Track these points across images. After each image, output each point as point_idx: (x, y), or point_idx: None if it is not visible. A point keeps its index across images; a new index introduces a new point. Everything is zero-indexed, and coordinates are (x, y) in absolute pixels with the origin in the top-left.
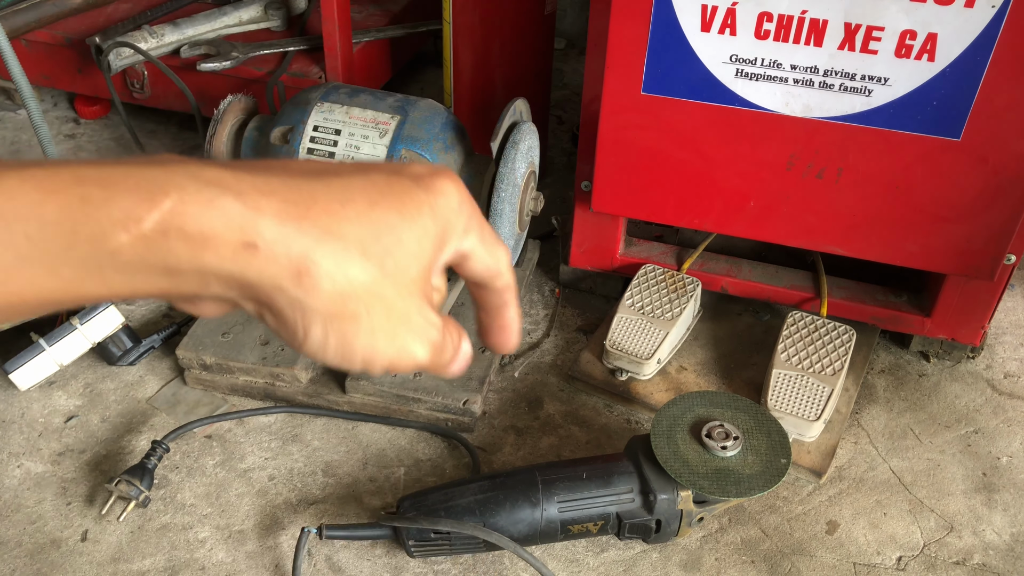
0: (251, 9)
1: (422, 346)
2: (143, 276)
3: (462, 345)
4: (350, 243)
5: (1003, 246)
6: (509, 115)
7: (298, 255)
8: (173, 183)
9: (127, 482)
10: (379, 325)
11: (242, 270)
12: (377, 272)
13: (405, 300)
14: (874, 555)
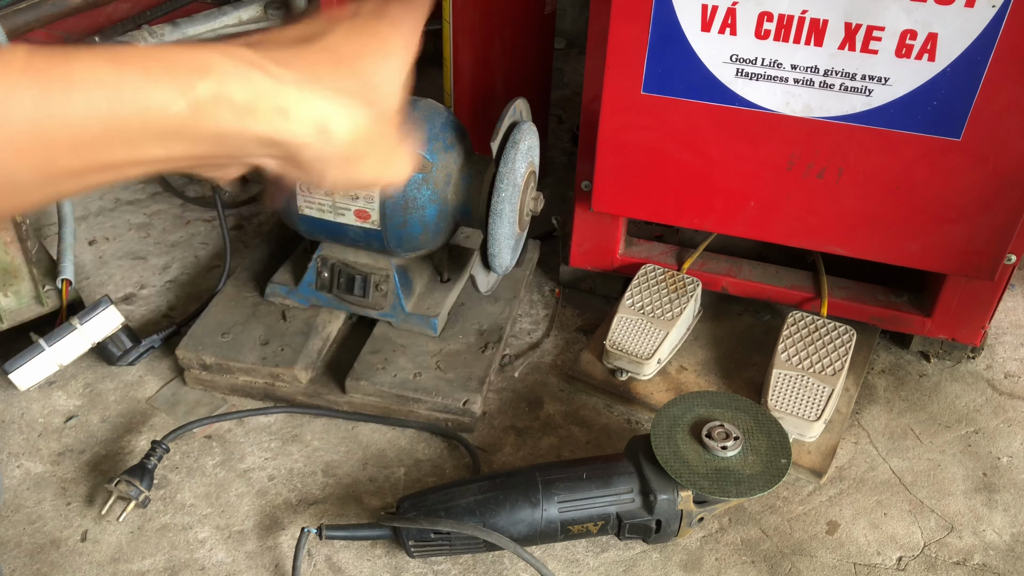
0: (251, 9)
1: (408, 163)
2: (195, 140)
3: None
4: (354, 95)
5: (1003, 246)
6: (509, 115)
7: (318, 114)
8: (214, 61)
9: (127, 482)
10: (382, 157)
11: (276, 131)
12: (376, 114)
13: (394, 130)
14: (874, 555)
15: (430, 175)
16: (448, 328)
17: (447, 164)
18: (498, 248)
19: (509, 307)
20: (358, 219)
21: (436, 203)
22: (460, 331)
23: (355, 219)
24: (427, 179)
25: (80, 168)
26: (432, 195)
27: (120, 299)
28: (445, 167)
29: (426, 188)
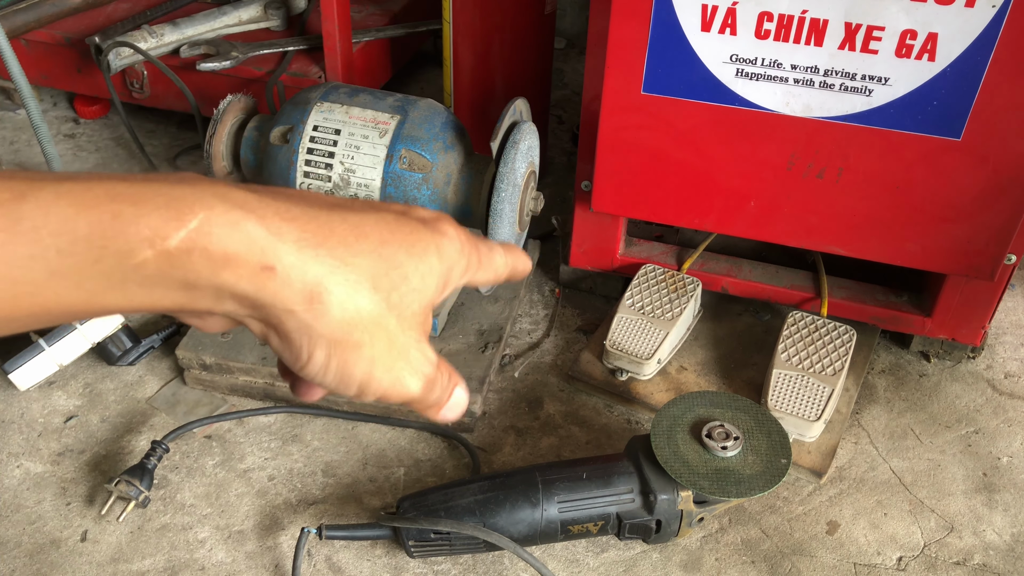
0: (251, 9)
1: (416, 379)
2: (162, 290)
3: (456, 390)
4: (362, 275)
5: (1003, 246)
6: (509, 115)
7: (312, 281)
8: (201, 203)
9: (127, 482)
10: (379, 355)
11: (258, 291)
12: (383, 305)
13: (406, 334)
14: (874, 555)
15: (430, 175)
16: (448, 328)
17: (447, 164)
18: None
19: (509, 307)
20: None
21: (436, 203)
22: (460, 331)
23: None
24: (427, 179)
25: (16, 316)
26: (432, 195)
27: None
28: (445, 167)
29: (426, 188)
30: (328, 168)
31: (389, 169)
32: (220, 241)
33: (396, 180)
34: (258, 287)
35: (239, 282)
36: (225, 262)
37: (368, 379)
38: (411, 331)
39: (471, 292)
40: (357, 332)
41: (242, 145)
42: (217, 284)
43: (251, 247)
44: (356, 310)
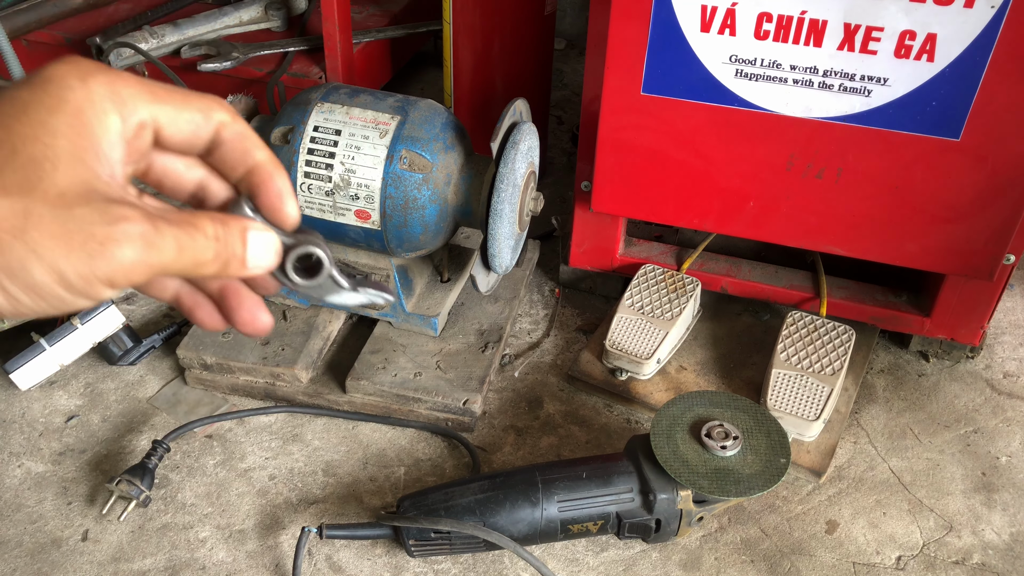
0: (251, 9)
1: (121, 245)
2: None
3: (249, 234)
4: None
5: (1002, 246)
6: (509, 115)
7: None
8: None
9: (128, 482)
10: (44, 244)
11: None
12: (3, 194)
13: (66, 209)
14: (873, 555)
15: (430, 175)
16: (448, 328)
17: (447, 164)
18: (498, 248)
19: (509, 307)
20: (358, 219)
21: (436, 203)
22: (460, 331)
23: (355, 219)
24: (427, 179)
25: None
26: (432, 195)
27: (121, 299)
28: (445, 167)
29: (426, 188)
30: (329, 168)
31: (389, 169)
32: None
33: (396, 180)
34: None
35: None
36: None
37: (56, 273)
38: (79, 202)
39: (471, 292)
40: None
41: None
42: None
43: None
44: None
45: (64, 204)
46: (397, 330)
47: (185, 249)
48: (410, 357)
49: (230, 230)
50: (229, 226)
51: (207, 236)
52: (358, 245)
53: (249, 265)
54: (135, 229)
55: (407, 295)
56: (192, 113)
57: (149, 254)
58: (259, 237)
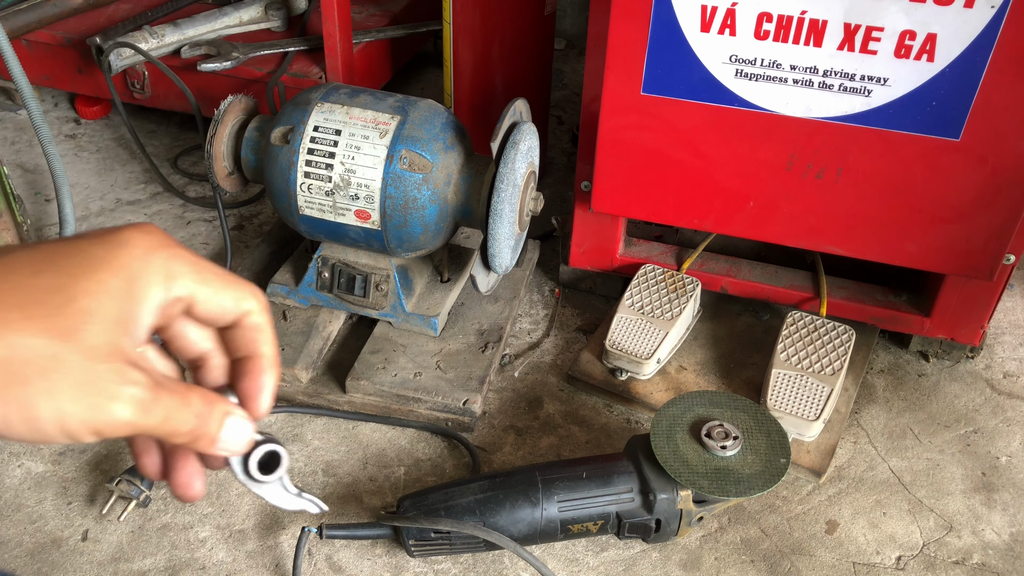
0: (251, 9)
1: (122, 404)
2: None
3: (228, 420)
4: (10, 309)
5: (1002, 246)
6: (509, 115)
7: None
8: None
9: (128, 481)
10: (60, 387)
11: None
12: (48, 334)
13: (92, 362)
14: (873, 555)
15: (430, 175)
16: (448, 328)
17: (447, 164)
18: (498, 248)
19: (509, 307)
20: (358, 219)
21: (436, 203)
22: (460, 331)
23: (355, 219)
24: (427, 179)
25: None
26: (432, 195)
27: None
28: (445, 167)
29: (426, 188)
30: (329, 168)
31: (389, 169)
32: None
33: (396, 180)
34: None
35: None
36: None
37: (59, 413)
38: (100, 360)
39: (471, 292)
40: (17, 367)
41: (243, 145)
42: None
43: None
44: (12, 346)
45: (92, 357)
46: (397, 330)
47: (170, 420)
48: (410, 357)
49: (213, 411)
50: (213, 407)
51: (191, 411)
52: (358, 245)
53: (219, 447)
54: (138, 394)
55: (407, 295)
56: (226, 298)
57: (140, 417)
58: (236, 424)
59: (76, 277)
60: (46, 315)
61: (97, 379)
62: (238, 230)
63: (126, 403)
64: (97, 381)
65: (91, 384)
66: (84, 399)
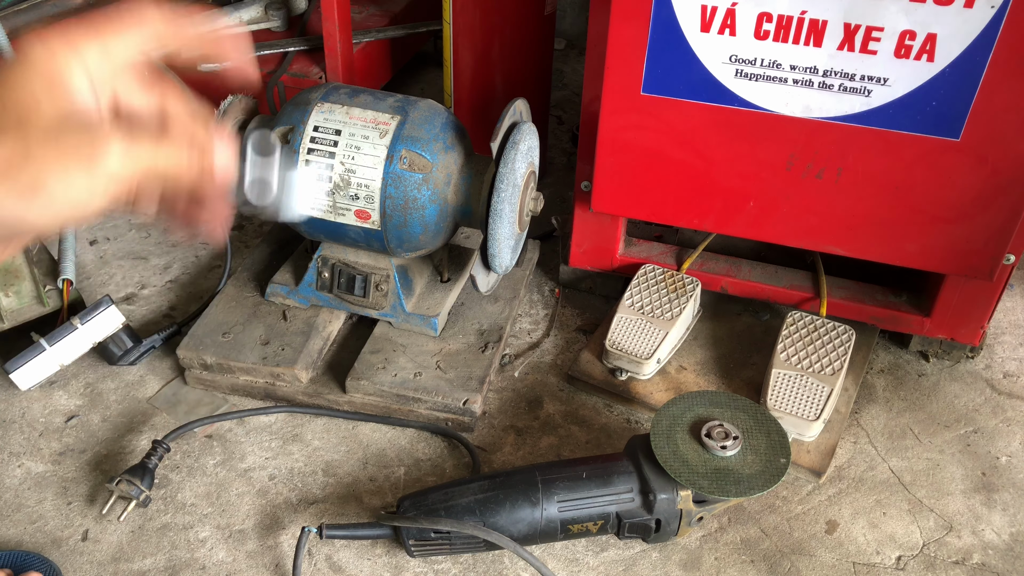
0: (251, 9)
1: (110, 157)
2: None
3: (204, 129)
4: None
5: (1002, 246)
6: (509, 115)
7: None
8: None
9: (128, 482)
10: (48, 167)
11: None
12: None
13: (58, 137)
14: (873, 555)
15: (430, 175)
16: (448, 328)
17: (447, 164)
18: (498, 248)
19: (509, 307)
20: (358, 219)
21: (436, 203)
22: (460, 331)
23: (355, 219)
24: (427, 179)
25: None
26: (432, 195)
27: (121, 299)
28: (445, 167)
29: (426, 188)
30: (329, 168)
31: (389, 169)
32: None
33: (396, 180)
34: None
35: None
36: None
37: (67, 188)
38: (64, 133)
39: (471, 292)
40: (11, 170)
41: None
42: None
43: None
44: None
45: (54, 134)
46: (397, 330)
47: (159, 152)
48: (410, 357)
49: (196, 130)
50: (196, 130)
51: (178, 137)
52: (358, 245)
53: (217, 167)
54: (116, 144)
55: (407, 295)
56: (125, 43)
57: (132, 160)
58: (221, 145)
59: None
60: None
61: (72, 148)
62: (238, 230)
63: (111, 155)
64: (74, 149)
65: (70, 154)
66: (72, 167)
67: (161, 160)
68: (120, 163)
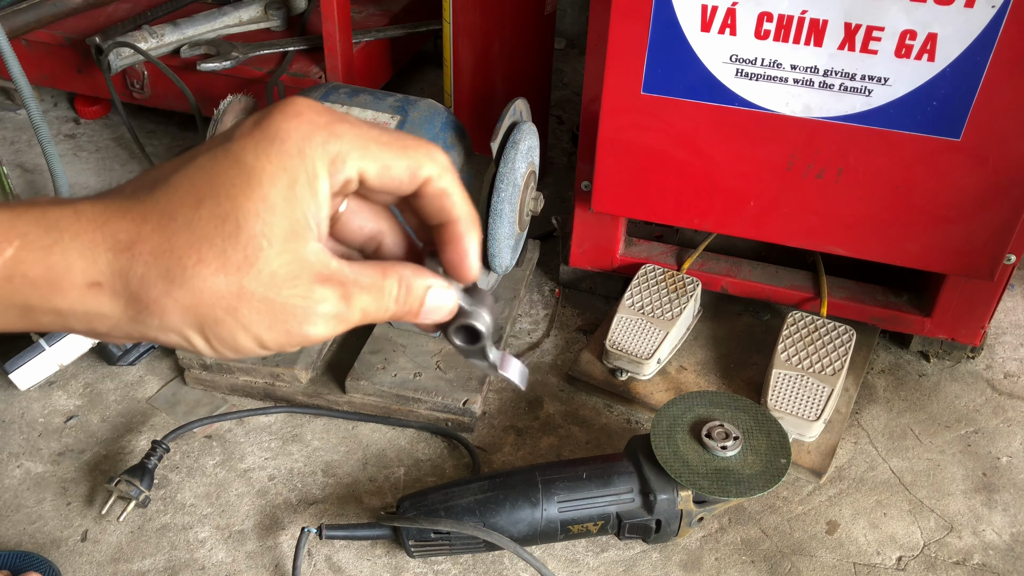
0: (251, 9)
1: (314, 325)
2: (4, 313)
3: (430, 293)
4: (185, 252)
5: (1003, 246)
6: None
7: (137, 285)
8: (16, 230)
9: (127, 482)
10: (251, 320)
11: (94, 308)
12: (222, 271)
13: (276, 290)
14: (874, 555)
15: None
16: None
17: None
18: (498, 248)
19: (509, 307)
20: None
21: None
22: None
23: None
24: None
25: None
26: None
27: None
28: None
29: None
30: None
31: None
32: (36, 267)
33: None
34: (91, 304)
35: (72, 303)
36: (50, 286)
37: (258, 341)
38: (287, 284)
39: None
40: (208, 310)
41: None
42: (53, 307)
43: (69, 268)
44: (195, 292)
45: (275, 285)
46: (397, 330)
47: (369, 314)
48: (410, 357)
49: (412, 294)
50: (412, 291)
51: (389, 299)
52: None
53: (421, 320)
54: (330, 309)
55: None
56: (398, 169)
57: (337, 327)
58: (437, 296)
59: (236, 199)
60: (219, 252)
61: (285, 306)
62: None
63: (319, 323)
64: (285, 308)
65: (280, 312)
66: (277, 326)
67: (368, 317)
68: (327, 330)
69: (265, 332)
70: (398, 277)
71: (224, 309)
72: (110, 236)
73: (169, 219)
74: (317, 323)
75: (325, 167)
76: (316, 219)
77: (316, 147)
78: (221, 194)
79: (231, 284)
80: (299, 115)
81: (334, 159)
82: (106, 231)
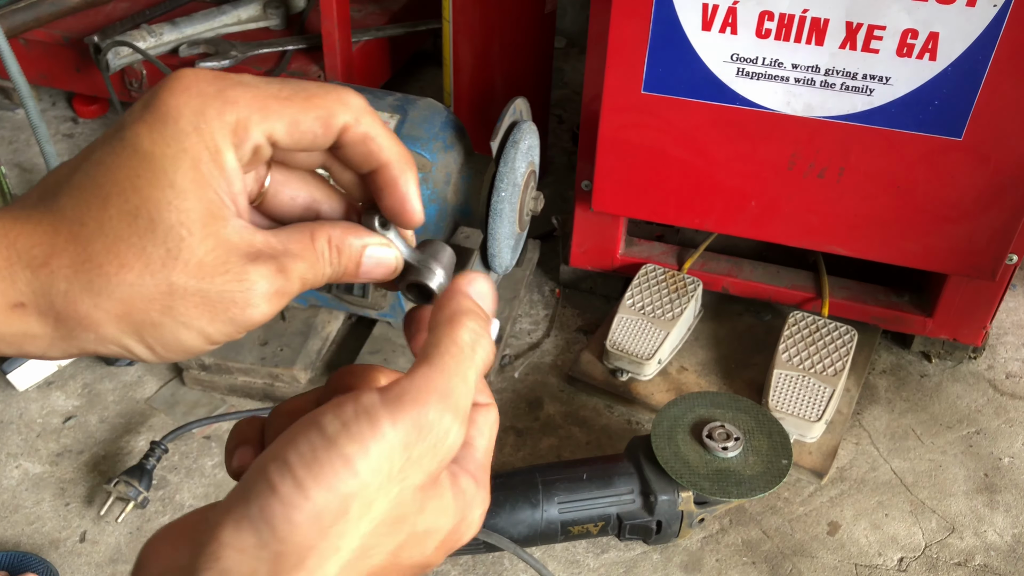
0: (250, 8)
1: (255, 307)
2: None
3: (358, 246)
4: (104, 260)
5: (1005, 246)
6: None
7: (61, 304)
8: None
9: (126, 483)
10: (190, 315)
11: (22, 329)
12: (145, 272)
13: (207, 280)
14: (875, 556)
15: (430, 175)
16: None
17: (447, 164)
18: (498, 248)
19: (509, 307)
20: None
21: (436, 203)
22: None
23: None
24: (427, 179)
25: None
26: (432, 195)
27: None
28: (445, 167)
29: (426, 188)
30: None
31: None
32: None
33: None
34: (24, 326)
35: (0, 327)
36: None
37: (202, 335)
38: (216, 271)
39: None
40: (147, 315)
41: None
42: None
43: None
44: (124, 300)
45: (205, 275)
46: (396, 330)
47: (308, 280)
48: (409, 357)
49: (345, 254)
50: (344, 251)
51: (324, 261)
52: None
53: (362, 280)
54: (266, 287)
55: None
56: (309, 123)
57: (279, 302)
58: (375, 254)
59: (143, 191)
60: (139, 251)
61: (222, 294)
62: None
63: (261, 303)
64: (223, 296)
65: (219, 302)
66: (219, 317)
67: (307, 284)
68: (269, 308)
69: (208, 325)
70: (327, 237)
71: (159, 311)
72: (24, 253)
73: (80, 225)
74: (259, 304)
75: (227, 138)
76: (230, 196)
77: (212, 120)
78: (126, 188)
79: (159, 283)
80: (187, 89)
81: (235, 128)
82: (19, 248)
